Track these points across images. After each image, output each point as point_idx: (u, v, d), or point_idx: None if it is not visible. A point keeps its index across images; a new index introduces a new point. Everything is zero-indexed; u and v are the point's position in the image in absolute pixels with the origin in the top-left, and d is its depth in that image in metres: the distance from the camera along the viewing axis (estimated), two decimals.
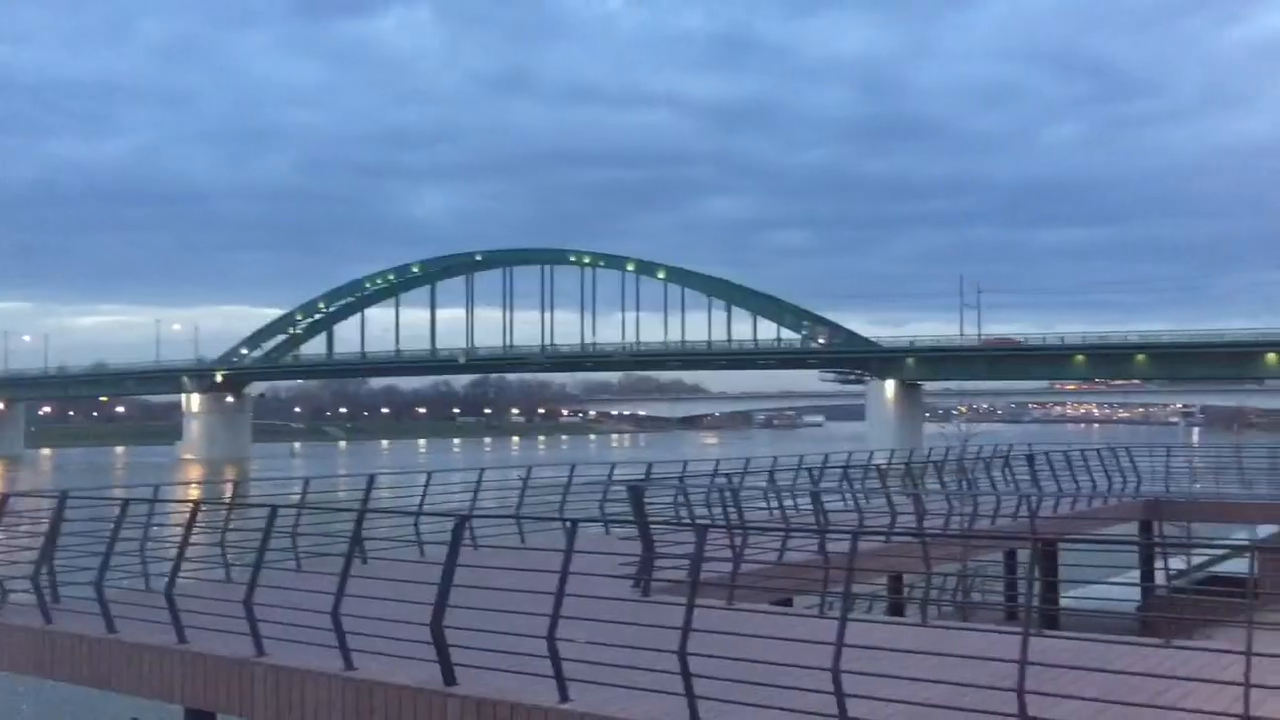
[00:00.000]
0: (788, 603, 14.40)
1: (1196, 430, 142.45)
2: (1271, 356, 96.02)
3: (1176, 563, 20.72)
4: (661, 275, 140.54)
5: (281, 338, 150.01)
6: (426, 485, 18.40)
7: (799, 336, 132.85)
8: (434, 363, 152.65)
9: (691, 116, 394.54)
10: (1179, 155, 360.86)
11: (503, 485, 21.04)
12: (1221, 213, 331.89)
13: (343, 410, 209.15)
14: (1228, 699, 6.65)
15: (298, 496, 16.29)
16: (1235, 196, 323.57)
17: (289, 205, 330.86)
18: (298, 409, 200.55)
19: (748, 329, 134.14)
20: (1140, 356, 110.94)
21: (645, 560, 13.03)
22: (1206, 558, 22.90)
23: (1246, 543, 19.89)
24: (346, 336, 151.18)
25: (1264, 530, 24.87)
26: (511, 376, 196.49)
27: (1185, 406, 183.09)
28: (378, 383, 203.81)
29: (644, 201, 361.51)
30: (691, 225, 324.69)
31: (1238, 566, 20.39)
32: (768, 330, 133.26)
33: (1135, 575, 20.85)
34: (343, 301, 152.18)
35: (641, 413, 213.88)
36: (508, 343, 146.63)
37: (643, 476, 18.52)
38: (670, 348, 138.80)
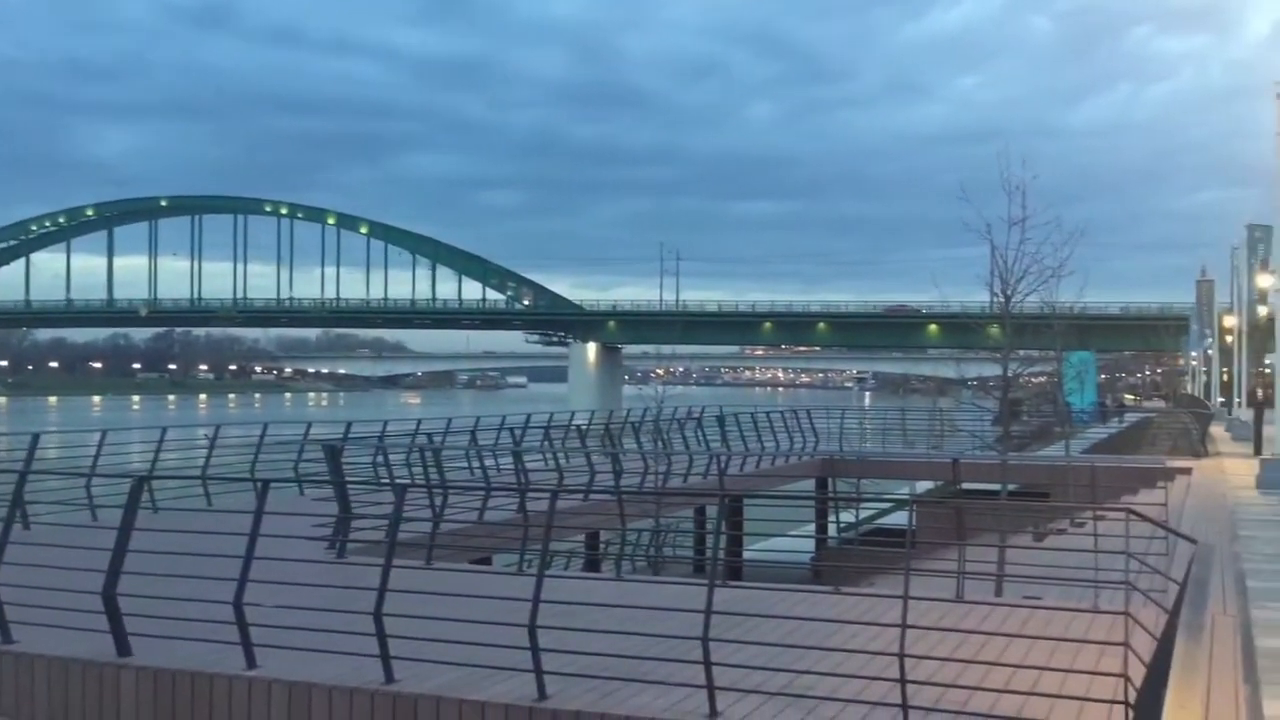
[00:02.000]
0: (487, 561, 14.46)
1: (868, 395, 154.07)
2: (933, 327, 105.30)
3: (847, 516, 22.41)
4: (364, 230, 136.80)
5: None
6: (100, 444, 17.09)
7: (504, 298, 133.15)
8: (111, 314, 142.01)
9: (401, 69, 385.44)
10: (863, 138, 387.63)
11: (188, 445, 19.89)
12: (897, 194, 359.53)
13: (2, 364, 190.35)
14: (887, 639, 7.26)
15: None
16: (910, 179, 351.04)
17: None
18: None
19: (452, 289, 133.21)
20: (822, 325, 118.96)
21: (341, 521, 12.71)
22: (873, 511, 24.85)
23: (906, 497, 21.78)
24: (8, 283, 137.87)
25: (922, 485, 27.21)
26: (199, 331, 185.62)
27: (859, 372, 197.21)
28: (45, 334, 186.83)
29: (348, 154, 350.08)
30: (397, 181, 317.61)
31: (900, 519, 22.25)
32: (473, 290, 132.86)
33: (811, 528, 22.38)
34: (4, 245, 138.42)
35: (341, 371, 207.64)
36: (196, 295, 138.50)
37: (340, 436, 17.99)
38: (372, 305, 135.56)
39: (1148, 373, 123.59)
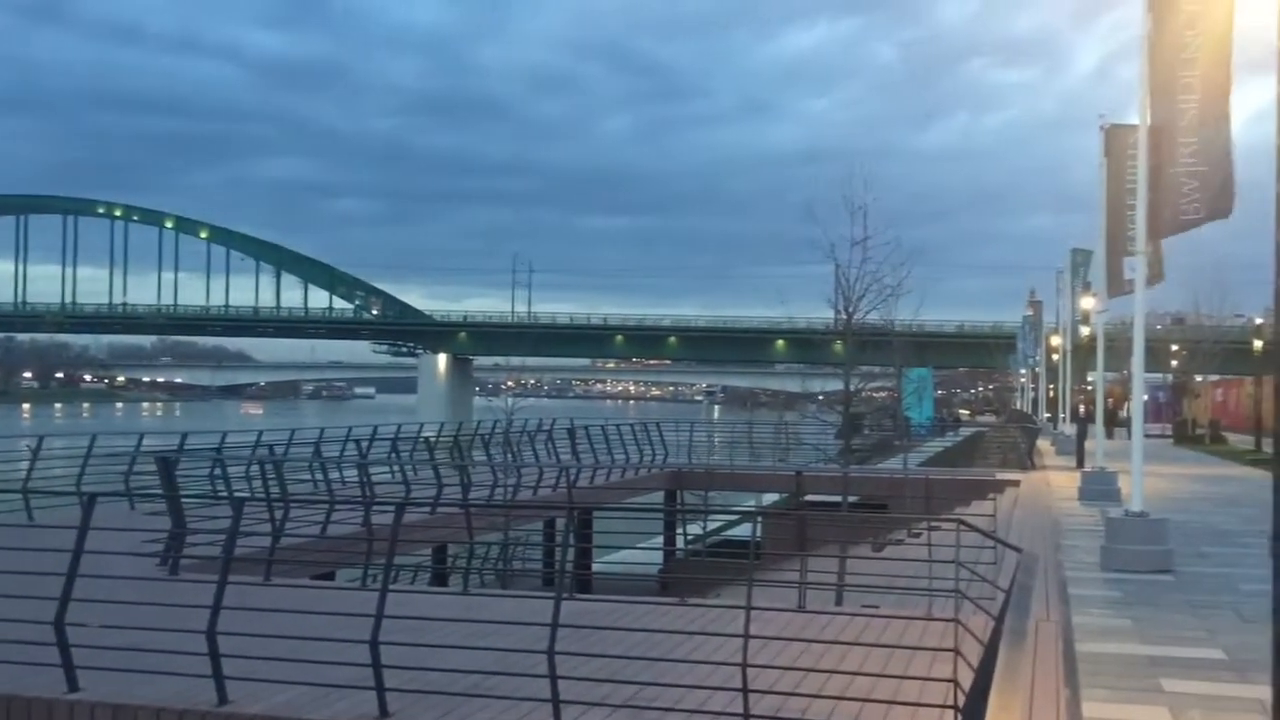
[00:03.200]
0: (330, 577, 14.12)
1: (717, 408, 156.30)
2: (780, 343, 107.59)
3: (695, 528, 22.69)
4: (205, 235, 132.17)
5: None
6: None
7: (352, 307, 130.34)
8: None
9: (250, 71, 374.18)
10: (716, 156, 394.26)
11: (8, 456, 18.82)
12: (748, 211, 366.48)
13: None
14: (731, 650, 7.37)
15: None
16: (761, 197, 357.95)
17: None
18: None
19: (298, 297, 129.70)
20: (672, 339, 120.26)
21: (175, 537, 12.22)
22: (720, 523, 25.22)
23: (752, 509, 22.19)
24: None
25: (769, 497, 27.76)
26: (23, 336, 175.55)
27: (709, 386, 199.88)
28: None
29: (192, 156, 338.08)
30: (244, 185, 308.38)
31: (746, 531, 22.64)
32: (320, 299, 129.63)
33: (660, 540, 22.56)
34: None
35: (178, 380, 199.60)
36: (20, 299, 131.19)
37: (175, 447, 17.30)
38: (212, 312, 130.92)
39: (981, 389, 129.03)
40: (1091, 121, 20.42)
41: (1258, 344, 42.99)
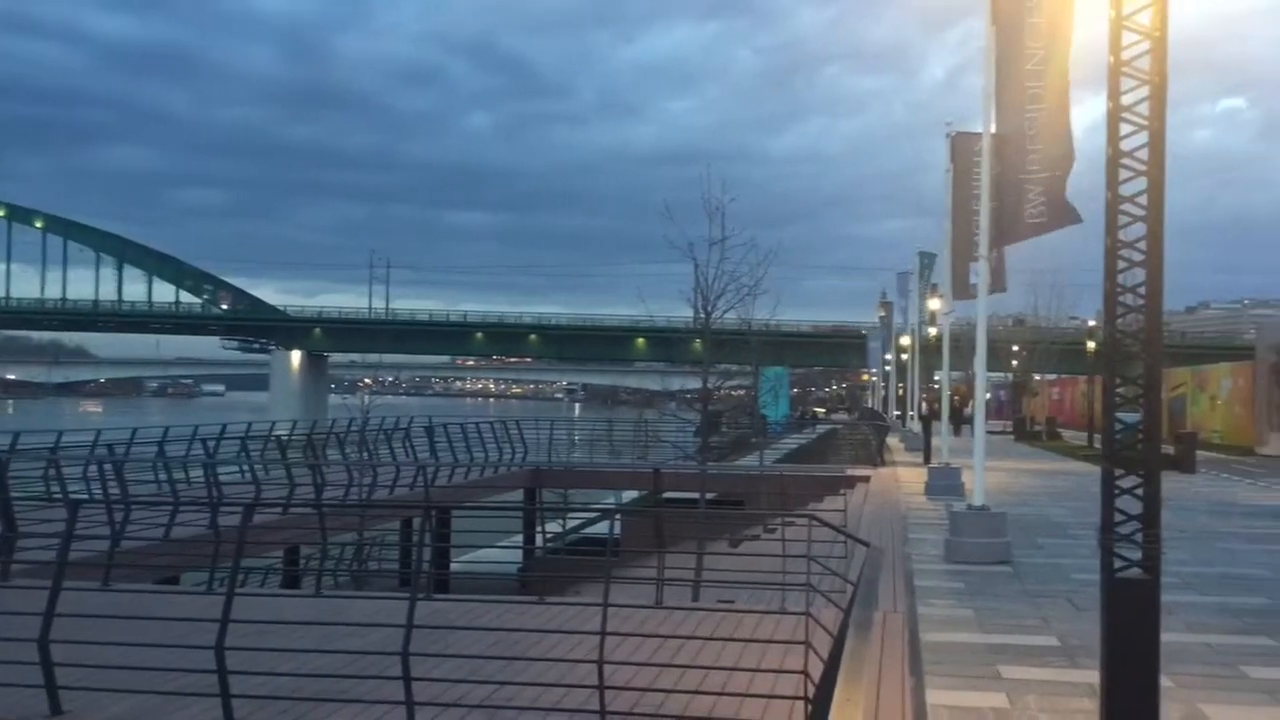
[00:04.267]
0: (175, 581, 13.62)
1: (578, 406, 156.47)
2: (641, 341, 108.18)
3: (555, 526, 22.66)
4: (40, 224, 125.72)
5: None
6: None
7: (200, 301, 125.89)
8: None
9: (90, 54, 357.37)
10: (578, 154, 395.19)
11: None
12: (610, 210, 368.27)
13: None
14: (588, 647, 7.39)
15: None
16: (622, 196, 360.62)
17: None
18: None
19: (142, 290, 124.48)
20: (533, 336, 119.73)
21: (5, 541, 11.61)
22: (580, 520, 25.25)
23: (611, 507, 22.30)
24: None
25: (628, 495, 27.92)
26: None
27: (570, 384, 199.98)
28: None
29: (24, 142, 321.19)
30: (84, 173, 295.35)
31: (605, 528, 22.70)
32: (166, 292, 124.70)
33: (520, 539, 22.45)
34: None
35: (10, 377, 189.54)
36: None
37: (5, 447, 16.43)
38: (48, 305, 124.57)
39: (834, 387, 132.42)
40: (940, 129, 21.15)
41: (1091, 345, 45.23)
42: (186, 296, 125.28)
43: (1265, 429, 36.74)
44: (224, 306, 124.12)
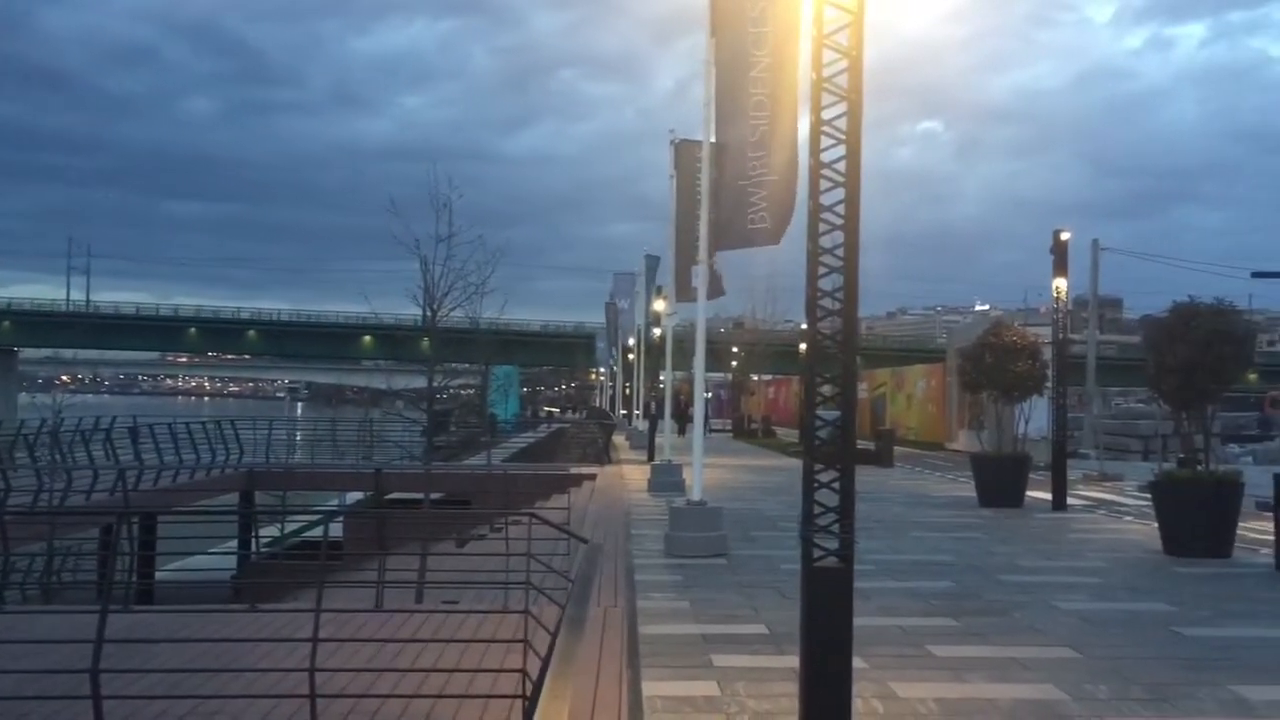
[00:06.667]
0: None
1: (300, 405, 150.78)
2: (368, 339, 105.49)
3: (273, 530, 21.74)
4: None
5: None
6: None
7: None
8: None
9: None
10: (306, 146, 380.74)
11: None
12: (338, 204, 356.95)
13: None
14: (300, 655, 7.11)
15: None
16: (351, 191, 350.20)
17: None
18: None
19: None
20: (252, 332, 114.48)
21: None
22: (301, 524, 24.35)
23: (332, 509, 21.62)
24: None
25: (353, 496, 27.15)
26: None
27: (292, 382, 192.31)
28: None
29: None
30: None
31: (329, 531, 21.95)
32: None
33: (234, 544, 21.39)
34: None
35: None
36: None
37: None
38: None
39: (564, 387, 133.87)
40: (666, 136, 21.74)
41: (802, 346, 47.81)
42: None
43: (954, 426, 40.00)
44: None
